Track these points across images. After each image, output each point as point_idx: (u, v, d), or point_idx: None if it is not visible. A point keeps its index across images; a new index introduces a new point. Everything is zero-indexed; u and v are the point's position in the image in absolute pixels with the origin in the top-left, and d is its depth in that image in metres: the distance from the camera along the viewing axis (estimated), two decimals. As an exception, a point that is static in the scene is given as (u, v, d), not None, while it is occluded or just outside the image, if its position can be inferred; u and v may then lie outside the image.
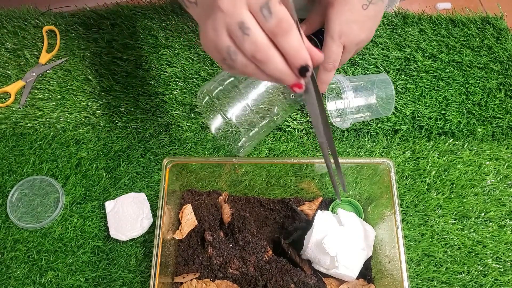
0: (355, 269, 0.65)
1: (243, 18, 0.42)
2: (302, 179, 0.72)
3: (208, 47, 0.46)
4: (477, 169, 0.77)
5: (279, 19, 0.42)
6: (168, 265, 0.65)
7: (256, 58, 0.43)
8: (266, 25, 0.42)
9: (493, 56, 0.86)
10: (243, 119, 0.62)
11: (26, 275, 0.69)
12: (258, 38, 0.42)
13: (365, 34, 0.61)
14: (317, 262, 0.65)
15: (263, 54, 0.43)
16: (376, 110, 0.75)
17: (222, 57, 0.45)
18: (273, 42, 0.43)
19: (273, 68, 0.43)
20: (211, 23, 0.44)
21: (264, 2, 0.42)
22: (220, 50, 0.44)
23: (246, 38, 0.42)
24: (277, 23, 0.42)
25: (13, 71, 0.84)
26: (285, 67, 0.44)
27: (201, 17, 0.47)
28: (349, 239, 0.65)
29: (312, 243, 0.65)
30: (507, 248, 0.72)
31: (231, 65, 0.45)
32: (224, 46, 0.43)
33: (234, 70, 0.46)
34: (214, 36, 0.44)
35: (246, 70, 0.44)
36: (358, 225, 0.67)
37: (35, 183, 0.75)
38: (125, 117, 0.80)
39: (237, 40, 0.43)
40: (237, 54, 0.43)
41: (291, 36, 0.43)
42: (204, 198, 0.73)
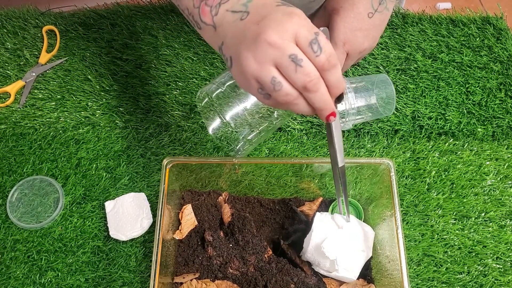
0: (355, 271, 0.65)
1: (294, 50, 0.44)
2: (302, 179, 0.72)
3: (245, 77, 0.46)
4: (477, 169, 0.77)
5: (328, 54, 0.45)
6: (168, 265, 0.65)
7: (307, 87, 0.45)
8: (315, 59, 0.44)
9: (493, 56, 0.86)
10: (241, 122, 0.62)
11: (26, 275, 0.69)
12: (311, 69, 0.44)
13: (369, 43, 0.61)
14: (317, 264, 0.65)
15: (314, 84, 0.45)
16: (377, 111, 0.75)
17: (259, 87, 0.46)
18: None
19: (319, 97, 0.46)
20: (253, 55, 0.44)
21: (313, 38, 0.44)
22: (263, 80, 0.45)
23: (299, 70, 0.44)
24: (327, 58, 0.44)
25: (13, 71, 0.84)
26: (329, 97, 0.47)
27: (231, 47, 0.47)
28: (349, 241, 0.65)
29: (312, 247, 0.65)
30: (507, 248, 0.72)
31: (269, 94, 0.46)
32: (268, 77, 0.44)
33: (269, 99, 0.47)
34: (257, 68, 0.45)
35: (287, 99, 0.46)
36: (357, 226, 0.67)
37: (35, 183, 0.75)
38: (125, 117, 0.80)
39: (288, 71, 0.44)
40: (282, 84, 0.45)
41: (337, 70, 0.46)
42: (204, 198, 0.73)
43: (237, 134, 0.63)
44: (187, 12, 0.52)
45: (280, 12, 0.45)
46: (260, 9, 0.46)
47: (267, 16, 0.45)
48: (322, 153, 0.78)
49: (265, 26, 0.44)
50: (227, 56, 0.48)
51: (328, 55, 0.44)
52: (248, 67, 0.45)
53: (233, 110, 0.62)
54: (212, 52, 0.85)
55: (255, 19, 0.46)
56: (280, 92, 0.45)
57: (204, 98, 0.65)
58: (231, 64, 0.48)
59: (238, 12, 0.47)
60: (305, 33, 0.44)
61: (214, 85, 0.63)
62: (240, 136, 0.63)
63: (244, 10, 0.47)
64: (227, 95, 0.62)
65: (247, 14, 0.46)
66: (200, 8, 0.49)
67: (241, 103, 0.61)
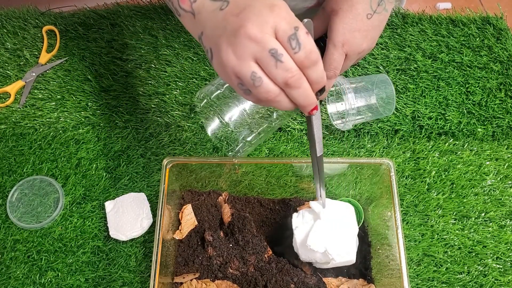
0: (351, 252, 0.64)
1: (274, 45, 0.42)
2: (302, 179, 0.72)
3: (225, 71, 0.45)
4: (477, 169, 0.77)
5: (308, 51, 0.43)
6: (168, 265, 0.65)
7: (288, 83, 0.43)
8: (294, 56, 0.43)
9: (493, 56, 0.86)
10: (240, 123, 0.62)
11: (26, 275, 0.69)
12: (292, 65, 0.43)
13: (367, 44, 0.61)
14: (314, 261, 0.65)
15: (296, 80, 0.43)
16: (377, 111, 0.75)
17: (239, 82, 0.45)
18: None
19: (302, 93, 0.44)
20: (233, 49, 0.43)
21: (292, 33, 0.42)
22: (242, 76, 0.43)
23: (280, 65, 0.42)
24: (306, 55, 0.43)
25: (13, 71, 0.84)
26: (312, 92, 0.45)
27: (211, 38, 0.46)
28: (332, 226, 0.64)
29: (301, 248, 0.64)
30: (507, 248, 0.72)
31: (249, 89, 0.45)
32: (248, 72, 0.43)
33: (249, 95, 0.46)
34: (236, 63, 0.43)
35: (268, 96, 0.44)
36: (334, 208, 0.66)
37: (35, 183, 0.75)
38: (125, 117, 0.80)
39: (268, 66, 0.43)
40: (262, 80, 0.43)
41: (318, 67, 0.44)
42: (204, 198, 0.73)
43: (236, 135, 0.63)
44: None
45: (260, 3, 0.43)
46: (240, 0, 0.44)
47: (247, 8, 0.43)
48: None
49: (245, 19, 0.42)
50: (207, 47, 0.47)
51: (308, 52, 0.43)
52: (227, 62, 0.44)
53: (232, 111, 0.62)
54: (212, 52, 0.85)
55: (234, 10, 0.44)
56: (260, 88, 0.44)
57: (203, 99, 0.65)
58: (211, 56, 0.46)
59: (218, 1, 0.46)
60: (285, 27, 0.42)
61: (213, 86, 0.63)
62: (240, 137, 0.63)
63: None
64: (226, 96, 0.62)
65: (227, 4, 0.45)
66: None
67: (240, 104, 0.61)
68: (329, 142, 0.79)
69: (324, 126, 0.80)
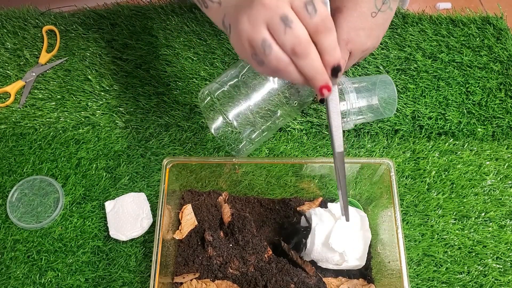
0: (363, 257, 0.66)
1: (286, 11, 0.42)
2: (302, 179, 0.72)
3: (240, 41, 0.45)
4: (477, 169, 0.77)
5: (323, 16, 0.43)
6: (168, 265, 0.65)
7: (296, 51, 0.43)
8: (309, 21, 0.43)
9: (493, 56, 0.86)
10: (244, 121, 0.62)
11: (26, 275, 0.69)
12: (300, 31, 0.43)
13: (371, 42, 0.61)
14: (325, 261, 0.65)
15: (303, 48, 0.43)
16: (378, 111, 0.75)
17: (253, 51, 0.45)
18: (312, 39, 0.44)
19: (309, 63, 0.44)
20: (248, 16, 0.44)
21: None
22: (254, 42, 0.44)
23: (289, 31, 0.42)
24: (321, 20, 0.43)
25: (13, 71, 0.84)
26: (321, 64, 0.44)
27: (231, 15, 0.47)
28: (349, 230, 0.65)
29: (318, 245, 0.65)
30: (507, 248, 0.72)
31: (262, 59, 0.45)
32: (259, 38, 0.43)
33: (262, 65, 0.46)
34: (249, 29, 0.44)
35: (278, 65, 0.44)
36: (352, 213, 0.67)
37: (35, 183, 0.75)
38: (125, 117, 0.80)
39: (277, 32, 0.43)
40: (272, 47, 0.43)
41: (331, 35, 0.44)
42: (204, 198, 0.73)
43: (239, 133, 0.63)
44: None
45: None
46: None
47: None
48: (322, 153, 0.78)
49: None
50: (227, 24, 0.48)
51: (323, 17, 0.43)
52: (242, 30, 0.44)
53: (236, 109, 0.62)
54: (212, 52, 0.85)
55: None
56: (270, 56, 0.44)
57: (206, 97, 0.65)
58: (229, 31, 0.47)
59: None
60: None
61: (216, 84, 0.63)
62: (243, 134, 0.63)
63: None
64: (230, 94, 0.62)
65: None
66: None
67: (243, 102, 0.61)
68: (329, 142, 0.79)
69: (324, 126, 0.80)
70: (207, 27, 0.88)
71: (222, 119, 0.69)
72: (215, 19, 0.51)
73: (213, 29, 0.87)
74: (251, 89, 0.62)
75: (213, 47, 0.86)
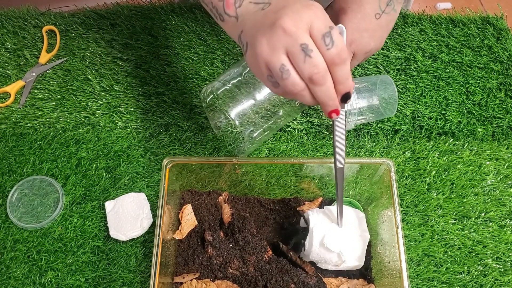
0: (361, 258, 0.66)
1: (306, 40, 0.44)
2: (302, 179, 0.72)
3: (257, 62, 0.47)
4: (477, 169, 0.77)
5: (339, 49, 0.45)
6: (168, 265, 0.65)
7: (313, 79, 0.45)
8: (326, 52, 0.45)
9: (493, 56, 0.86)
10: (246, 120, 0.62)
11: (26, 275, 0.69)
12: (319, 61, 0.45)
13: (375, 43, 0.61)
14: (323, 262, 0.65)
15: (320, 77, 0.45)
16: (379, 111, 0.75)
17: (269, 73, 0.47)
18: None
19: (324, 91, 0.46)
20: (267, 40, 0.45)
21: (326, 30, 0.45)
22: (272, 66, 0.45)
23: (308, 60, 0.44)
24: (338, 52, 0.45)
25: (13, 71, 0.84)
26: (334, 92, 0.47)
27: (249, 33, 0.48)
28: (347, 231, 0.65)
29: (316, 245, 0.65)
30: (507, 248, 0.72)
31: (277, 82, 0.47)
32: (278, 63, 0.45)
33: (277, 87, 0.48)
34: (268, 53, 0.45)
35: (294, 89, 0.46)
36: (349, 214, 0.67)
37: (35, 183, 0.75)
38: (125, 117, 0.80)
39: (297, 60, 0.45)
40: (290, 73, 0.45)
41: (346, 66, 0.46)
42: (204, 198, 0.73)
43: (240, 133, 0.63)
44: (211, 6, 0.53)
45: (299, 3, 0.46)
46: (281, 0, 0.47)
47: (286, 6, 0.46)
48: (322, 153, 0.78)
49: (283, 14, 0.45)
50: (244, 42, 0.49)
51: (340, 50, 0.45)
52: (260, 52, 0.46)
53: (238, 107, 0.62)
54: (212, 52, 0.85)
55: (274, 8, 0.47)
56: (287, 81, 0.45)
57: (209, 95, 0.65)
58: (246, 49, 0.48)
59: (261, 4, 0.49)
60: (320, 25, 0.45)
61: (219, 83, 0.63)
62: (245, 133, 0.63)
63: (266, 1, 0.48)
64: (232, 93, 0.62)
65: (269, 4, 0.48)
66: (224, 1, 0.51)
67: (246, 100, 0.62)
68: (329, 142, 0.79)
69: (324, 126, 0.80)
70: (207, 27, 0.88)
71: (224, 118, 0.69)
72: (231, 33, 0.53)
73: (213, 29, 0.88)
74: (253, 89, 0.62)
75: (213, 47, 0.86)
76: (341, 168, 0.57)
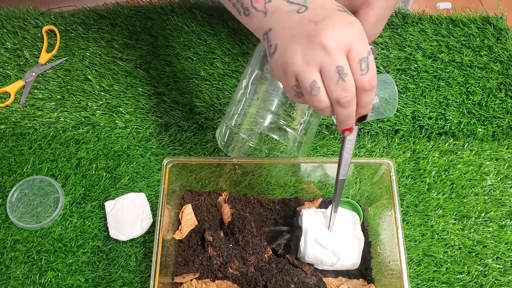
0: (357, 256, 0.66)
1: (343, 63, 0.43)
2: (302, 179, 0.72)
3: (285, 70, 0.46)
4: (477, 169, 0.77)
5: (372, 76, 0.45)
6: (168, 265, 0.65)
7: (340, 102, 0.45)
8: (359, 77, 0.44)
9: (494, 56, 0.86)
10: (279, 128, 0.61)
11: (26, 275, 0.69)
12: (351, 86, 0.44)
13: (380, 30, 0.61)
14: (320, 262, 0.65)
15: (348, 101, 0.45)
16: (379, 111, 0.75)
17: (295, 84, 0.46)
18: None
19: (346, 113, 0.46)
20: (303, 52, 0.44)
21: (365, 56, 0.44)
22: (303, 80, 0.45)
23: (341, 83, 0.44)
24: (369, 79, 0.45)
25: (12, 71, 0.84)
26: (354, 114, 0.47)
27: (281, 35, 0.46)
28: (340, 229, 0.65)
29: (310, 246, 0.65)
30: (508, 248, 0.72)
31: (302, 94, 0.46)
32: (310, 79, 0.44)
33: (300, 98, 0.47)
34: (302, 66, 0.44)
35: (318, 105, 0.46)
36: (345, 215, 0.68)
37: (35, 183, 0.75)
38: (125, 117, 0.80)
39: (329, 80, 0.44)
40: (320, 91, 0.45)
41: (372, 93, 0.46)
42: (204, 198, 0.73)
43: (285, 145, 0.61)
44: (235, 0, 0.51)
45: (341, 17, 0.44)
46: (319, 9, 0.45)
47: (327, 19, 0.44)
48: (322, 153, 0.78)
49: (324, 28, 0.43)
50: (273, 42, 0.47)
51: (372, 77, 0.45)
52: (293, 62, 0.45)
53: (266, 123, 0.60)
54: (212, 52, 0.85)
55: (313, 17, 0.45)
56: (315, 97, 0.45)
57: (225, 134, 0.63)
58: (274, 51, 0.47)
59: (295, 4, 0.47)
60: (359, 49, 0.44)
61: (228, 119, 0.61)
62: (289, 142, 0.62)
63: (302, 3, 0.46)
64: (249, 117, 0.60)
65: (305, 8, 0.46)
66: None
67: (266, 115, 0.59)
68: (329, 142, 0.79)
69: (324, 126, 0.80)
70: (207, 27, 0.88)
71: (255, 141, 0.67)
72: (256, 29, 0.50)
73: (213, 29, 0.88)
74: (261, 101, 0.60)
75: (213, 47, 0.86)
76: (342, 179, 0.58)
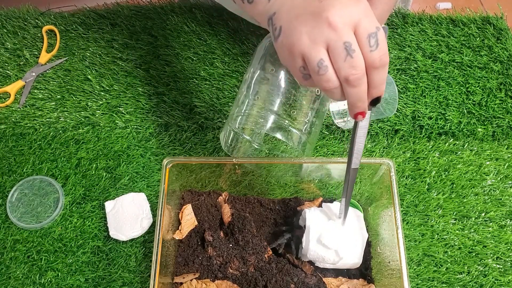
0: (359, 256, 0.66)
1: (350, 39, 0.42)
2: (302, 179, 0.72)
3: (291, 51, 0.44)
4: (477, 169, 0.77)
5: (383, 52, 0.43)
6: (168, 265, 0.65)
7: (349, 80, 0.43)
8: (369, 54, 0.42)
9: (494, 56, 0.86)
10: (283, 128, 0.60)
11: (26, 275, 0.69)
12: (359, 62, 0.42)
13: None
14: (321, 260, 0.65)
15: (357, 79, 0.43)
16: (379, 111, 0.75)
17: (302, 65, 0.44)
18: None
19: (356, 93, 0.44)
20: (309, 31, 0.42)
21: (373, 31, 0.42)
22: (309, 59, 0.43)
23: (349, 59, 0.42)
24: (380, 56, 0.42)
25: (12, 71, 0.84)
26: (365, 95, 0.45)
27: (285, 17, 0.45)
28: (344, 228, 0.65)
29: (313, 244, 0.65)
30: (508, 248, 0.72)
31: (310, 75, 0.44)
32: (317, 57, 0.43)
33: (307, 80, 0.45)
34: (308, 45, 0.43)
35: (326, 85, 0.44)
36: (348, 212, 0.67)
37: (35, 183, 0.75)
38: (125, 117, 0.80)
39: (337, 57, 0.42)
40: (328, 69, 0.43)
41: (384, 71, 0.44)
42: (204, 198, 0.73)
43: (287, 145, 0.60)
44: None
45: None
46: None
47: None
48: (322, 153, 0.78)
49: (329, 5, 0.42)
50: (277, 25, 0.46)
51: (382, 53, 0.43)
52: (299, 42, 0.43)
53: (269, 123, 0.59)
54: (212, 52, 0.85)
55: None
56: (323, 76, 0.43)
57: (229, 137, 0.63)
58: (279, 34, 0.45)
59: None
60: (367, 24, 0.42)
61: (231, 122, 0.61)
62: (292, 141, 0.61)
63: None
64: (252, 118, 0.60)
65: None
66: None
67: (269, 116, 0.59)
68: (329, 142, 0.79)
69: (324, 126, 0.80)
70: (207, 27, 0.88)
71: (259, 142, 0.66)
72: (260, 16, 0.49)
73: (213, 29, 0.88)
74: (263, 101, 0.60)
75: (213, 47, 0.86)
76: (355, 168, 0.55)
